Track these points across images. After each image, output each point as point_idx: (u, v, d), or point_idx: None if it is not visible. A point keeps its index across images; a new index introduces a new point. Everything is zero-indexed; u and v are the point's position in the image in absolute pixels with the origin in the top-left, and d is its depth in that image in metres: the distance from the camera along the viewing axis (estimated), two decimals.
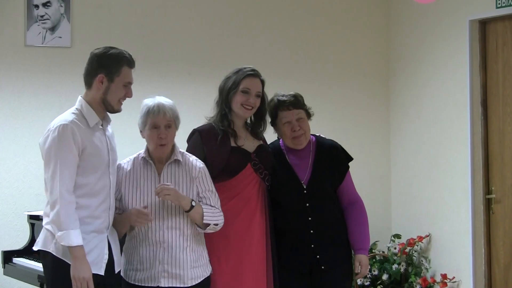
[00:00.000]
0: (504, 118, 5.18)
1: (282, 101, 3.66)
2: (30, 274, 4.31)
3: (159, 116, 3.30)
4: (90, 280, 3.07)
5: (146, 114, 3.32)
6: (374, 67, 6.18)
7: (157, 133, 3.30)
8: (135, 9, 5.44)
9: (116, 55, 3.23)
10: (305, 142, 3.69)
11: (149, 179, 3.35)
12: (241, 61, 3.72)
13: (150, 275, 3.29)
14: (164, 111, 3.31)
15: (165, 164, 3.36)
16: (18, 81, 5.11)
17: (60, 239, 3.05)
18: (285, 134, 3.68)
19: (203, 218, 3.32)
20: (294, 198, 3.65)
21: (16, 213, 5.03)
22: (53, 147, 3.10)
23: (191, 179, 3.37)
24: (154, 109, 3.31)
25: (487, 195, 5.27)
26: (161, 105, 3.32)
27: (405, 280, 5.60)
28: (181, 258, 3.30)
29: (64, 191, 3.07)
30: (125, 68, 3.24)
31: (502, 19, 5.16)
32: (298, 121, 3.65)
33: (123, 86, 3.23)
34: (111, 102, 3.23)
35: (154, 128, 3.30)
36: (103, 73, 3.20)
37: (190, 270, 3.32)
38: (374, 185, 6.06)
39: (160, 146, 3.31)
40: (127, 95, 3.26)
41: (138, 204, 3.32)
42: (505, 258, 5.18)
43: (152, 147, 3.33)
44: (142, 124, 3.34)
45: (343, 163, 3.76)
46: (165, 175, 3.35)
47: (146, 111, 3.32)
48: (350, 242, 3.73)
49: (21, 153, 5.06)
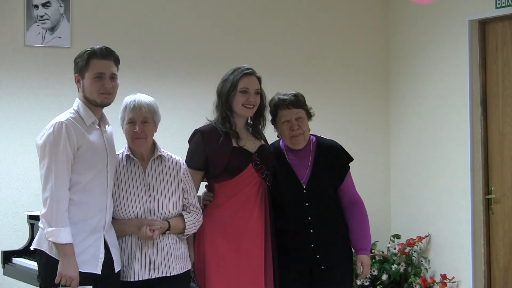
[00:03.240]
0: (503, 118, 5.18)
1: (282, 100, 3.67)
2: (29, 274, 4.31)
3: (134, 111, 3.36)
4: (76, 279, 3.10)
5: (123, 110, 3.39)
6: (373, 67, 6.18)
7: (133, 128, 3.35)
8: (134, 9, 5.44)
9: (83, 52, 3.27)
10: (303, 142, 3.69)
11: (135, 176, 3.40)
12: (241, 61, 3.72)
13: (139, 269, 3.35)
14: (140, 106, 3.37)
15: (149, 160, 3.42)
16: (18, 81, 5.12)
17: (49, 235, 3.08)
18: (283, 133, 3.68)
19: (184, 231, 3.45)
20: (294, 197, 3.65)
21: (15, 213, 5.04)
22: (48, 144, 3.12)
23: (177, 176, 3.44)
24: (130, 104, 3.37)
25: (486, 195, 5.27)
26: (138, 100, 3.39)
27: (404, 280, 5.60)
28: (165, 249, 3.38)
29: (56, 188, 3.09)
30: (92, 61, 3.24)
31: (502, 19, 5.16)
32: (297, 121, 3.65)
33: (93, 78, 3.24)
34: (90, 97, 3.25)
35: (130, 123, 3.37)
36: (76, 72, 3.28)
37: (174, 260, 3.41)
38: (374, 185, 6.06)
39: (136, 139, 3.36)
40: (103, 85, 3.24)
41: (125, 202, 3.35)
42: (505, 258, 5.18)
43: (129, 141, 3.40)
44: (121, 119, 3.41)
45: (344, 164, 3.77)
46: (150, 172, 3.41)
47: (124, 107, 3.39)
48: (351, 242, 3.74)
49: (20, 153, 5.06)
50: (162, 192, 3.40)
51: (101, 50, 3.25)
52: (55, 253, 3.13)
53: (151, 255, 3.36)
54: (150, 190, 3.38)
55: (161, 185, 3.41)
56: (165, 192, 3.41)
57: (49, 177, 3.10)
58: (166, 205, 3.39)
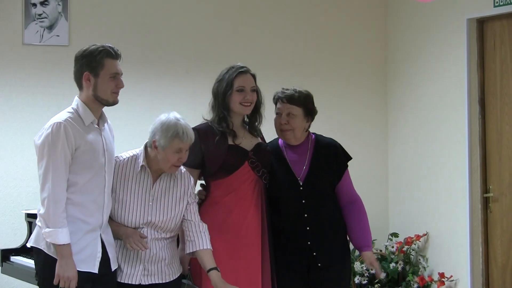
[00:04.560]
0: (501, 117, 5.18)
1: (281, 93, 3.72)
2: (27, 273, 4.30)
3: (186, 142, 3.31)
4: (74, 279, 3.10)
5: (173, 137, 3.27)
6: (371, 65, 6.17)
7: (178, 157, 3.31)
8: (132, 8, 5.44)
9: (95, 50, 3.22)
10: (292, 139, 3.70)
11: (143, 187, 3.38)
12: (239, 60, 3.72)
13: (131, 273, 3.36)
14: (191, 137, 3.33)
15: (160, 174, 3.40)
16: (16, 79, 5.12)
17: (47, 236, 3.08)
18: (275, 124, 3.73)
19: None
20: (291, 194, 3.66)
21: (13, 212, 5.03)
22: (46, 144, 3.11)
23: (184, 192, 3.44)
24: (183, 135, 3.29)
25: (484, 193, 5.27)
26: (188, 130, 3.32)
27: (402, 279, 5.60)
28: (160, 256, 3.39)
29: (54, 188, 3.08)
30: (107, 60, 3.21)
31: (500, 18, 5.16)
32: (288, 116, 3.67)
33: (109, 78, 3.22)
34: (103, 96, 3.22)
35: (177, 153, 3.30)
36: (87, 70, 3.21)
37: (167, 267, 3.42)
38: (372, 183, 6.06)
39: (174, 167, 3.34)
40: (118, 86, 3.24)
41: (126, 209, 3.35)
42: (503, 257, 5.18)
43: (167, 166, 3.33)
44: (165, 144, 3.28)
45: (342, 162, 3.77)
46: (158, 186, 3.40)
47: (174, 134, 3.27)
48: (351, 241, 3.75)
49: (19, 152, 5.06)
50: (165, 207, 3.39)
51: (114, 50, 3.24)
52: (53, 252, 3.13)
53: (146, 261, 3.37)
54: (154, 204, 3.38)
55: (166, 200, 3.40)
56: (168, 208, 3.40)
57: (47, 177, 3.10)
58: (165, 221, 3.39)
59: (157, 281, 3.38)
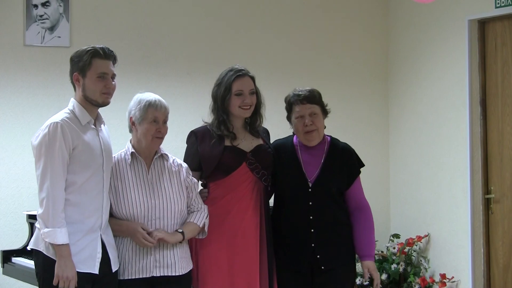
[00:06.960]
0: (503, 118, 5.18)
1: (297, 95, 3.67)
2: (29, 274, 4.30)
3: (160, 110, 3.36)
4: (74, 280, 3.10)
5: (146, 107, 3.34)
6: (373, 66, 6.17)
7: (156, 127, 3.34)
8: (134, 9, 5.44)
9: (84, 50, 3.23)
10: (317, 138, 3.67)
11: (139, 174, 3.39)
12: (240, 61, 3.72)
13: (142, 266, 3.33)
14: (165, 106, 3.38)
15: (153, 159, 3.42)
16: (17, 80, 5.11)
17: (45, 236, 3.08)
18: (297, 129, 3.67)
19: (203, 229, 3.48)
20: (298, 195, 3.64)
21: (15, 213, 5.03)
22: (43, 144, 3.12)
23: (179, 174, 3.44)
24: (156, 103, 3.35)
25: (486, 195, 5.27)
26: (159, 100, 3.39)
27: (404, 280, 5.60)
28: (171, 249, 3.37)
29: (52, 188, 3.08)
30: (95, 59, 3.21)
31: (501, 19, 5.16)
32: (310, 116, 3.64)
33: (97, 78, 3.21)
34: (92, 97, 3.23)
35: (154, 122, 3.35)
36: (76, 71, 3.23)
37: (179, 260, 3.39)
38: (373, 185, 6.04)
39: (156, 139, 3.36)
40: (107, 86, 3.23)
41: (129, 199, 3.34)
42: (504, 258, 5.18)
43: (148, 140, 3.36)
44: (141, 117, 3.35)
45: (354, 168, 3.75)
46: (154, 169, 3.41)
47: (147, 104, 3.34)
48: (355, 247, 3.72)
49: (20, 153, 5.06)
50: (166, 189, 3.40)
51: (103, 50, 3.24)
52: (52, 254, 3.12)
53: (157, 253, 3.35)
54: (154, 188, 3.38)
55: (165, 182, 3.41)
56: (169, 189, 3.41)
57: (45, 177, 3.10)
58: (169, 202, 3.39)
59: (169, 273, 3.34)
